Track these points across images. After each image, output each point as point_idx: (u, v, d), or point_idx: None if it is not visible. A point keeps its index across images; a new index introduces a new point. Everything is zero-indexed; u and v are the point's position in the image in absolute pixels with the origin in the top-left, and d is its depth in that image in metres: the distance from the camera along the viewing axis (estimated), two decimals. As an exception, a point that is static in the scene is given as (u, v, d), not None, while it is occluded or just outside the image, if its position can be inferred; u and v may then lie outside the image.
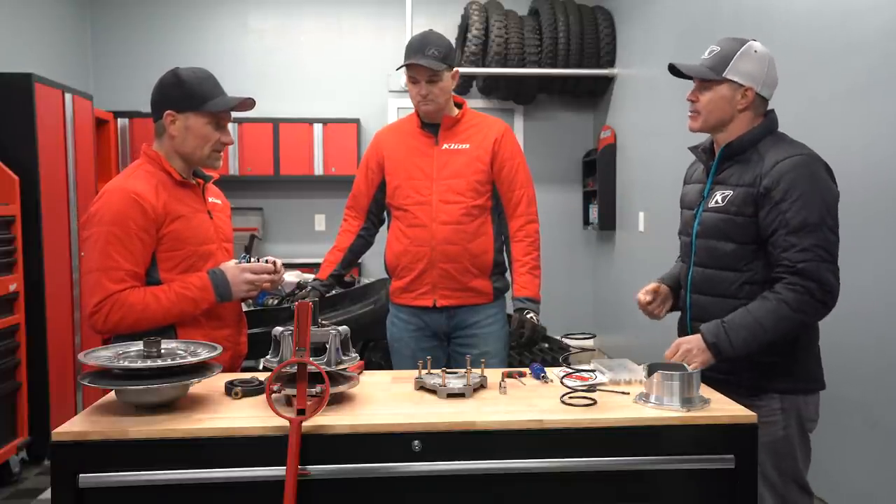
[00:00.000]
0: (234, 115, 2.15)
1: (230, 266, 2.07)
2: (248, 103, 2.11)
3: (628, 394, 1.78)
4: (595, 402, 1.71)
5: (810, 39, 3.04)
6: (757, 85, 1.95)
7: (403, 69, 2.54)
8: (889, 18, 2.59)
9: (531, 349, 3.99)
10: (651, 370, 1.73)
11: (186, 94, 2.03)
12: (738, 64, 1.93)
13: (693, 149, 2.15)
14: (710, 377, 1.91)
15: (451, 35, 5.86)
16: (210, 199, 2.19)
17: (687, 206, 2.16)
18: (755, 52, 1.95)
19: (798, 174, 1.86)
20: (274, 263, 2.15)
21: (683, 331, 2.12)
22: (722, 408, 1.70)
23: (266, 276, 2.11)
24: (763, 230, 1.90)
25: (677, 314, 2.21)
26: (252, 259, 2.12)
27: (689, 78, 2.02)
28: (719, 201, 1.98)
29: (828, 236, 1.85)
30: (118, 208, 1.95)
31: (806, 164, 1.88)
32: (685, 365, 1.79)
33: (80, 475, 1.51)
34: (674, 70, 2.04)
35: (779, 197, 1.86)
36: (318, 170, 5.86)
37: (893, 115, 2.58)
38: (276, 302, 3.37)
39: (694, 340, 1.90)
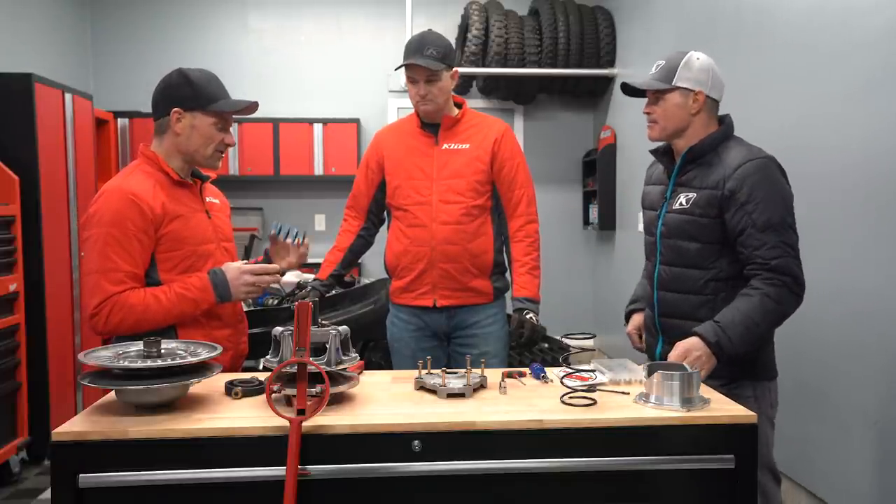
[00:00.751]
0: (234, 116, 2.16)
1: (231, 267, 2.07)
2: (254, 107, 2.12)
3: (628, 394, 1.78)
4: (595, 402, 1.71)
5: (811, 38, 3.04)
6: (705, 88, 2.10)
7: (403, 69, 2.54)
8: (890, 18, 2.59)
9: (531, 349, 3.99)
10: (651, 370, 1.73)
11: (195, 93, 2.04)
12: (683, 72, 2.09)
13: (653, 152, 2.29)
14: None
15: (451, 35, 5.86)
16: (208, 199, 2.20)
17: (649, 206, 2.28)
18: (697, 59, 2.11)
19: (760, 177, 2.00)
20: (305, 235, 2.22)
21: (652, 326, 2.24)
22: (722, 408, 1.70)
23: (267, 278, 2.11)
24: (730, 230, 2.03)
25: None
26: (280, 230, 2.16)
27: (642, 95, 2.18)
28: (683, 203, 2.11)
29: (790, 234, 2.01)
30: (116, 209, 1.95)
31: (766, 167, 2.03)
32: (685, 365, 1.79)
33: (80, 475, 1.51)
34: (626, 89, 2.20)
35: (744, 199, 2.00)
36: (318, 170, 5.86)
37: (893, 114, 2.58)
38: (276, 302, 3.37)
39: (697, 345, 1.95)
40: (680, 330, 2.08)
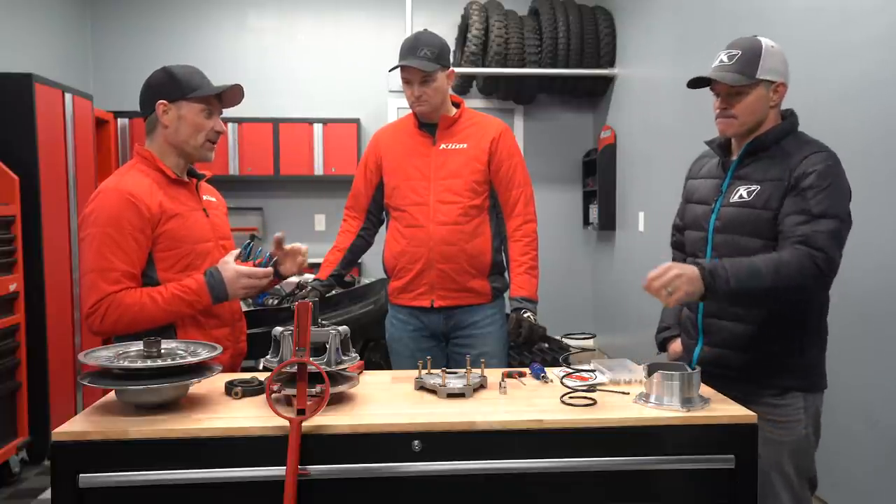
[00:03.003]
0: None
1: (228, 268, 2.04)
2: (235, 93, 2.12)
3: (628, 394, 1.78)
4: (595, 402, 1.71)
5: (808, 39, 3.04)
6: (785, 78, 1.97)
7: (398, 70, 2.54)
8: (887, 20, 2.59)
9: (530, 349, 3.99)
10: (651, 370, 1.73)
11: (177, 84, 2.05)
12: (766, 62, 1.94)
13: (710, 142, 2.13)
14: (732, 377, 1.92)
15: (451, 35, 5.86)
16: (205, 198, 2.20)
17: (699, 200, 2.12)
18: (772, 46, 1.97)
19: (826, 167, 1.87)
20: (276, 261, 2.15)
21: (692, 328, 2.09)
22: (722, 408, 1.70)
23: (265, 281, 2.11)
24: (783, 213, 1.88)
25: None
26: (251, 252, 2.12)
27: (706, 85, 2.00)
28: (744, 196, 1.96)
29: (842, 228, 1.86)
30: (113, 209, 1.95)
31: (833, 159, 1.90)
32: (685, 365, 1.78)
33: (80, 475, 1.51)
34: (699, 83, 2.01)
35: (805, 185, 1.86)
36: (318, 170, 5.86)
37: (891, 115, 2.58)
38: (276, 302, 3.37)
39: (686, 268, 1.78)
40: (727, 332, 1.98)
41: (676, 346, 2.22)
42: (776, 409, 1.91)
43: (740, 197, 1.97)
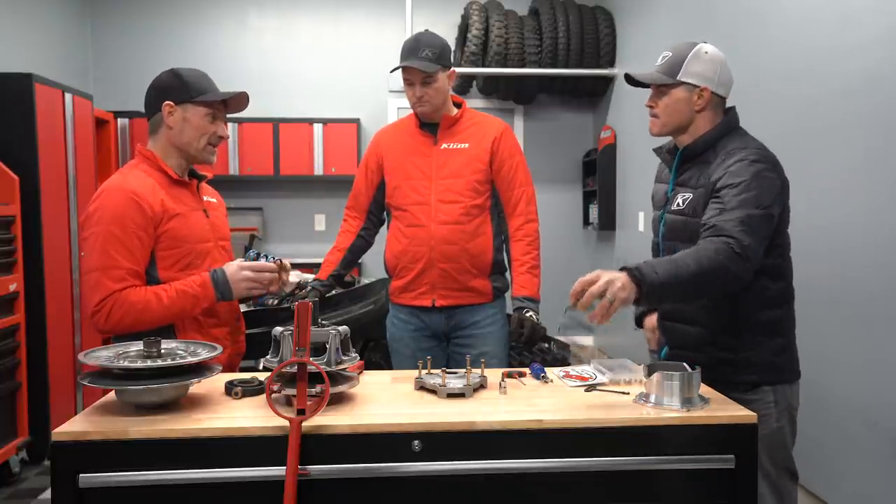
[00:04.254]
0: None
1: (230, 265, 2.07)
2: (241, 99, 2.13)
3: (628, 394, 1.78)
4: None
5: (807, 39, 3.04)
6: (711, 84, 1.99)
7: (399, 71, 2.54)
8: (886, 21, 2.59)
9: (531, 349, 3.99)
10: (651, 370, 1.72)
11: (185, 86, 2.06)
12: (689, 66, 1.98)
13: (657, 150, 2.19)
14: (706, 376, 1.91)
15: (451, 35, 5.86)
16: (205, 198, 2.21)
17: (656, 206, 2.20)
18: (706, 52, 2.00)
19: (741, 166, 1.88)
20: (280, 262, 2.14)
21: (660, 329, 2.16)
22: (722, 408, 1.70)
23: (267, 275, 2.10)
24: (704, 215, 1.89)
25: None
26: (258, 257, 2.12)
27: (646, 86, 2.08)
28: (680, 204, 2.01)
29: (754, 217, 1.82)
30: (116, 207, 1.95)
31: (755, 156, 1.90)
32: (685, 364, 1.78)
33: (80, 475, 1.51)
34: (630, 80, 2.10)
35: (720, 185, 1.88)
36: (318, 170, 5.86)
37: (890, 115, 2.58)
38: (276, 302, 3.37)
39: (615, 273, 1.71)
40: (682, 334, 2.04)
41: (652, 319, 2.24)
42: (747, 404, 1.89)
43: (678, 205, 2.02)
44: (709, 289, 1.84)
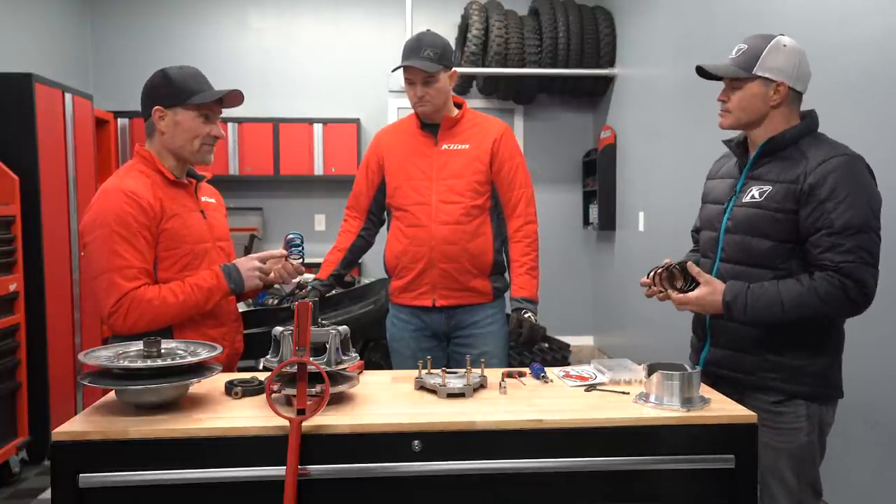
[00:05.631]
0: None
1: (240, 258, 2.13)
2: (236, 95, 2.12)
3: (628, 394, 1.78)
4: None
5: (809, 38, 3.03)
6: (788, 79, 1.91)
7: (401, 70, 2.54)
8: (885, 22, 2.59)
9: (530, 349, 4.00)
10: (651, 370, 1.73)
11: (174, 89, 2.05)
12: (767, 60, 1.90)
13: (727, 142, 2.10)
14: (736, 380, 1.92)
15: (452, 35, 5.86)
16: (203, 199, 2.21)
17: (713, 200, 2.10)
18: (784, 45, 1.91)
19: (843, 174, 1.81)
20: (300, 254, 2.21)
21: (700, 329, 2.09)
22: (721, 407, 1.70)
23: (273, 263, 2.14)
24: (804, 229, 1.84)
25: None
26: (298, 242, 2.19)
27: (718, 79, 1.98)
28: (756, 196, 1.92)
29: (871, 238, 1.80)
30: (118, 208, 1.95)
31: (851, 165, 1.84)
32: (685, 364, 1.78)
33: (80, 475, 1.51)
34: (702, 72, 2.01)
35: (824, 196, 1.80)
36: (318, 170, 5.86)
37: (889, 116, 2.58)
38: (276, 302, 3.38)
39: (710, 298, 1.88)
40: (734, 334, 1.95)
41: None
42: (777, 416, 1.89)
43: (752, 197, 1.93)
44: (795, 323, 1.87)
